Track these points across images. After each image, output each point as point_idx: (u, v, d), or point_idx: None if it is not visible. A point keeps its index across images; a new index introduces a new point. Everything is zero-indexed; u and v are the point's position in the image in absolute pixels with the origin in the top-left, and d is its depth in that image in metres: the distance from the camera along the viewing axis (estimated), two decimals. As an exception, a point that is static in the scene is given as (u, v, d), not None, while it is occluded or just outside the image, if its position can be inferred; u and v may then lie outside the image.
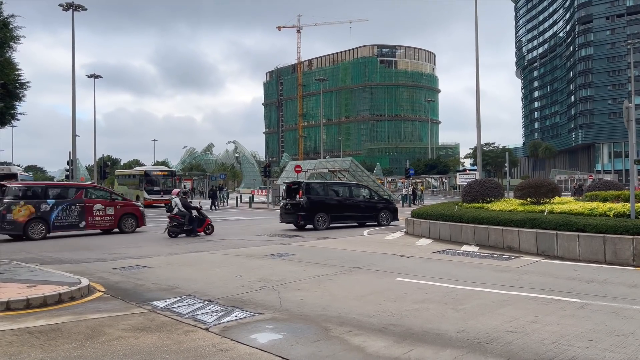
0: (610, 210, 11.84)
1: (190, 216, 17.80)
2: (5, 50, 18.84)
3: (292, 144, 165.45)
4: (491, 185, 17.18)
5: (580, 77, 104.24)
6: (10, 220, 16.83)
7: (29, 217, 17.16)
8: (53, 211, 17.66)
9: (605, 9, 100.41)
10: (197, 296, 7.95)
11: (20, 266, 10.44)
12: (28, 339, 5.72)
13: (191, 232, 17.68)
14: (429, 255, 12.37)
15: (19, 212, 16.99)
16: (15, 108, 21.74)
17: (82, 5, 33.51)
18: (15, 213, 16.90)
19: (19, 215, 16.95)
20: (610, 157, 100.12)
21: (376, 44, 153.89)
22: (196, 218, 17.96)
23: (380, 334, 5.81)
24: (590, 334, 5.67)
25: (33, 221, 17.25)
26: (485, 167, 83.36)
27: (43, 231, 17.43)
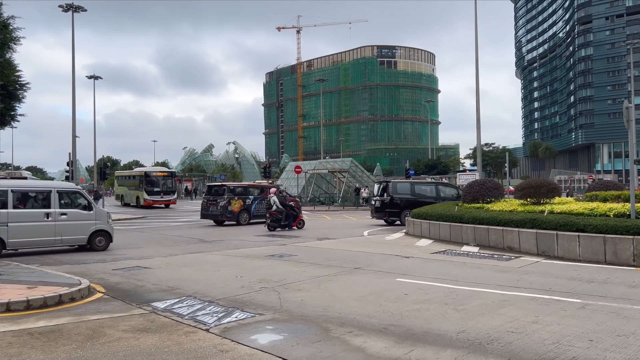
0: (611, 211, 11.83)
1: (287, 212, 20.37)
2: (5, 52, 18.86)
3: (292, 144, 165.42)
4: (491, 186, 17.17)
5: (580, 78, 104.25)
6: (230, 210, 22.84)
7: (240, 208, 23.24)
8: (252, 204, 23.66)
9: (604, 9, 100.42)
10: (198, 297, 7.94)
11: (21, 267, 10.44)
12: (28, 340, 5.72)
13: (287, 227, 20.34)
14: (429, 256, 12.36)
15: (234, 204, 23.08)
16: (15, 109, 21.78)
17: (82, 7, 33.48)
18: (232, 205, 22.97)
19: (234, 207, 23.00)
20: (610, 157, 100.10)
21: (376, 45, 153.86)
22: (291, 214, 20.55)
23: (380, 335, 5.81)
24: (590, 334, 5.66)
25: (242, 211, 23.31)
26: (485, 168, 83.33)
27: (247, 219, 23.42)
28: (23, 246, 13.55)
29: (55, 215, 13.68)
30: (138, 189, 41.05)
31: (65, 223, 13.80)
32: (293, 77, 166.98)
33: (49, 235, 13.65)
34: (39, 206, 13.74)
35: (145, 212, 34.64)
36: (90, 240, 14.30)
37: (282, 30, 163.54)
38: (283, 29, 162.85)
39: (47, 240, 13.75)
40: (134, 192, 42.25)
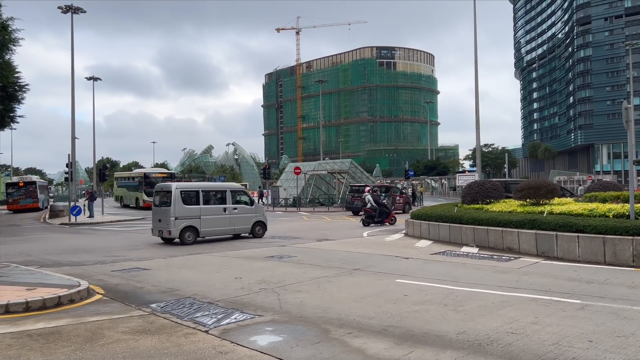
0: (610, 211, 11.84)
1: (381, 209, 22.11)
2: (5, 53, 18.85)
3: (292, 145, 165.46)
4: (490, 187, 17.18)
5: (579, 78, 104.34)
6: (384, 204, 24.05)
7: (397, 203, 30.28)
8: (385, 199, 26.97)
9: (603, 10, 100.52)
10: (197, 298, 7.94)
11: (20, 269, 10.43)
12: (27, 342, 5.71)
13: (381, 223, 21.93)
14: (428, 257, 12.36)
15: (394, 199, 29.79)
16: (15, 111, 21.76)
17: (81, 8, 33.47)
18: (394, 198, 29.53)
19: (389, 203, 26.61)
20: (609, 158, 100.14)
21: (375, 46, 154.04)
22: (384, 211, 22.22)
23: (380, 336, 5.80)
24: (590, 335, 5.66)
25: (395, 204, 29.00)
26: (485, 168, 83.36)
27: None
28: (209, 235, 17.01)
29: (230, 210, 17.32)
30: (137, 190, 41.01)
31: (236, 216, 17.41)
32: (292, 78, 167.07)
33: (226, 226, 17.19)
34: (218, 202, 17.32)
35: (145, 214, 34.57)
36: (252, 229, 17.75)
37: (281, 31, 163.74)
38: (282, 30, 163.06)
39: (225, 230, 17.29)
40: (133, 194, 42.21)
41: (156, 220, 16.81)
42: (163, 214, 16.41)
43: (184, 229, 16.15)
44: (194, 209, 16.45)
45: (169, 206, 16.21)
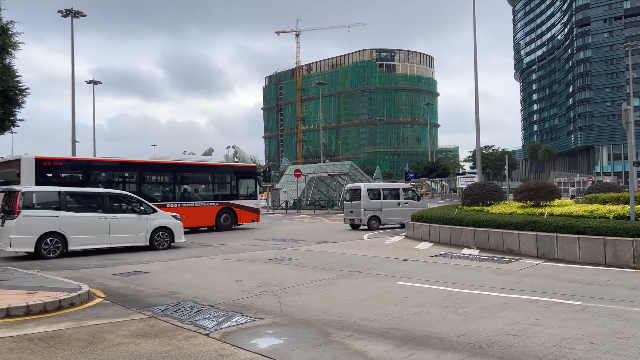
0: (610, 213, 11.83)
1: None
2: (4, 57, 18.88)
3: (292, 148, 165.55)
4: (491, 188, 17.20)
5: (579, 80, 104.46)
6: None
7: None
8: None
9: (603, 11, 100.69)
10: (198, 301, 7.93)
11: (20, 272, 10.43)
12: (28, 346, 5.71)
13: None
14: (429, 259, 12.36)
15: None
16: (15, 114, 21.78)
17: (81, 12, 33.60)
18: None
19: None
20: (609, 159, 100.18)
21: (375, 48, 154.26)
22: None
23: (381, 338, 5.80)
24: (591, 337, 5.66)
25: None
26: (485, 170, 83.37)
27: None
28: (387, 223, 22.11)
29: (402, 204, 22.50)
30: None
31: (407, 208, 21.75)
32: (292, 81, 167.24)
33: (400, 216, 21.81)
34: (393, 198, 22.61)
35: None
36: None
37: (281, 34, 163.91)
38: (282, 33, 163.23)
39: (400, 219, 21.73)
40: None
41: (348, 212, 22.47)
42: (354, 207, 21.91)
43: (370, 218, 21.50)
44: (377, 203, 21.86)
45: (359, 200, 21.66)
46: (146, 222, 15.54)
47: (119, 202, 15.50)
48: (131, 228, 15.30)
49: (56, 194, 14.59)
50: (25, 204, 13.70)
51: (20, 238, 13.49)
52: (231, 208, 23.22)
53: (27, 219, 13.60)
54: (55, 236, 13.97)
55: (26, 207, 13.70)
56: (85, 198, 15.29)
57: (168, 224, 16.04)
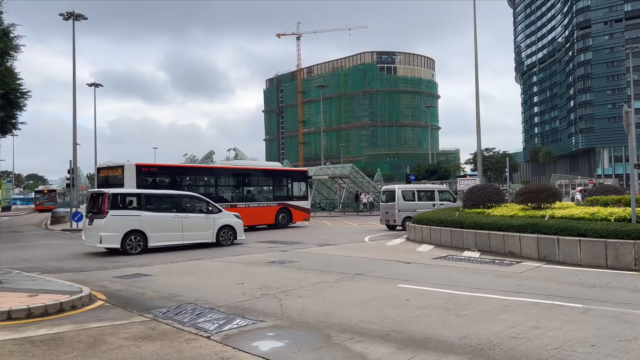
0: (612, 215, 11.83)
1: None
2: (6, 60, 18.94)
3: (293, 150, 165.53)
4: (492, 191, 17.19)
5: (580, 82, 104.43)
6: None
7: None
8: None
9: (603, 14, 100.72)
10: (199, 304, 7.94)
11: (22, 275, 10.43)
12: (29, 349, 5.71)
13: None
14: (430, 261, 12.35)
15: None
16: (16, 117, 21.82)
17: (82, 15, 33.62)
18: None
19: None
20: (610, 162, 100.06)
21: (375, 51, 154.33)
22: None
23: (382, 341, 5.79)
24: (592, 339, 5.65)
25: None
26: (486, 173, 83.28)
27: None
28: None
29: (437, 205, 22.63)
30: None
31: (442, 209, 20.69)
32: (293, 84, 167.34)
33: None
34: (428, 199, 23.13)
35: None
36: None
37: (282, 37, 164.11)
38: (283, 36, 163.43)
39: None
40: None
41: (384, 213, 23.09)
42: (390, 208, 22.59)
43: (405, 218, 21.50)
44: (412, 204, 22.35)
45: (394, 202, 22.25)
46: (213, 221, 17.01)
47: (190, 203, 17.06)
48: (200, 226, 16.71)
49: (137, 195, 16.41)
50: (112, 205, 15.12)
51: (109, 235, 14.86)
52: (287, 208, 25.70)
53: (114, 219, 14.98)
54: (137, 234, 15.33)
55: (113, 207, 15.12)
56: (161, 199, 16.85)
57: (231, 222, 17.56)
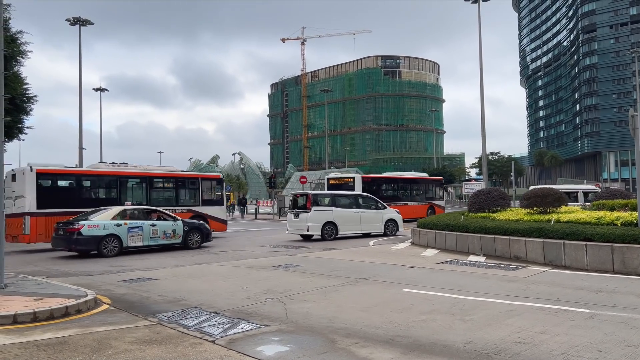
0: (618, 219, 11.76)
1: None
2: (13, 65, 19.08)
3: (297, 154, 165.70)
4: (497, 195, 17.13)
5: (585, 86, 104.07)
6: None
7: None
8: None
9: (609, 17, 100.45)
10: (203, 308, 7.94)
11: (27, 279, 10.47)
12: (35, 352, 5.73)
13: None
14: (435, 266, 12.31)
15: None
16: (23, 122, 21.95)
17: (89, 20, 33.92)
18: None
19: None
20: (616, 166, 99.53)
21: (380, 55, 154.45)
22: None
23: (387, 346, 5.77)
24: (599, 345, 5.61)
25: None
26: (491, 177, 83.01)
27: None
28: None
29: None
30: None
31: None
32: (298, 88, 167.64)
33: None
34: None
35: (151, 223, 34.70)
36: None
37: (287, 41, 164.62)
38: (288, 40, 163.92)
39: None
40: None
41: None
42: None
43: None
44: None
45: None
46: (381, 215, 21.37)
47: (365, 202, 21.63)
48: (372, 220, 21.10)
49: (330, 196, 21.52)
50: (313, 203, 20.01)
51: (312, 225, 19.70)
52: (432, 206, 33.94)
53: (316, 212, 19.79)
54: (331, 225, 20.00)
55: (315, 204, 20.04)
56: (346, 198, 21.61)
57: (394, 217, 21.85)
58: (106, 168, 20.99)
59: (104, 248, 15.53)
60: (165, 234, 16.95)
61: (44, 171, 18.49)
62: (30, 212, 17.54)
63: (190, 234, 17.64)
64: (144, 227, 16.44)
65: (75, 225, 15.31)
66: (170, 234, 17.03)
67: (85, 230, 15.24)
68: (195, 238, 17.75)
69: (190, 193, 22.65)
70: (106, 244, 15.57)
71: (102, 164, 22.02)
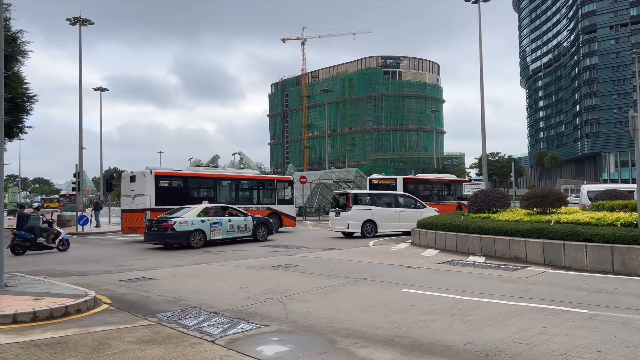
0: (618, 220, 11.75)
1: None
2: (13, 65, 19.08)
3: (297, 154, 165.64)
4: (497, 195, 17.13)
5: (585, 87, 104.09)
6: None
7: None
8: None
9: (609, 18, 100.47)
10: (203, 308, 7.94)
11: (27, 279, 10.47)
12: (35, 352, 5.73)
13: None
14: (435, 266, 12.31)
15: None
16: (23, 121, 21.95)
17: (89, 20, 33.84)
18: None
19: None
20: (616, 166, 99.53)
21: (380, 55, 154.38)
22: None
23: (387, 346, 5.77)
24: (599, 345, 5.61)
25: None
26: (491, 177, 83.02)
27: None
28: None
29: None
30: None
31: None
32: (298, 88, 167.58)
33: None
34: None
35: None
36: None
37: (287, 41, 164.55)
38: (288, 40, 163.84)
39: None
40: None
41: None
42: None
43: None
44: None
45: None
46: (420, 214, 21.54)
47: (403, 200, 22.65)
48: (411, 218, 21.07)
49: (369, 195, 22.63)
50: (354, 202, 21.02)
51: (352, 223, 20.69)
52: (460, 205, 34.24)
53: (356, 211, 20.81)
54: (371, 223, 20.92)
55: (355, 203, 21.02)
56: (386, 197, 22.71)
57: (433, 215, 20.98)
58: (205, 171, 25.29)
59: (192, 241, 17.88)
60: (239, 228, 19.64)
61: (160, 173, 21.89)
62: (151, 208, 20.74)
63: (259, 228, 20.44)
64: (222, 222, 19.01)
65: (168, 222, 17.65)
66: (242, 228, 19.75)
67: (177, 226, 17.61)
68: (262, 232, 20.59)
69: (267, 193, 25.94)
70: (194, 238, 17.95)
71: (199, 167, 26.94)
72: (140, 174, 21.63)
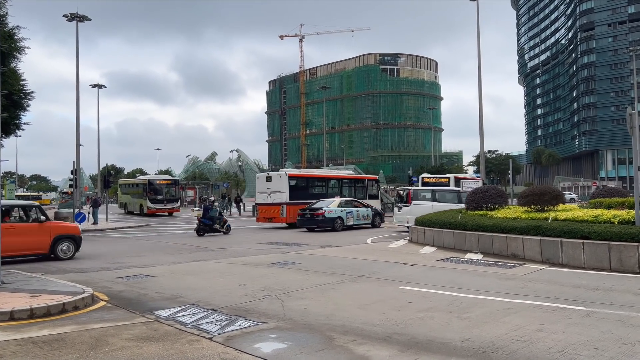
0: (615, 218, 11.78)
1: None
2: (10, 61, 19.00)
3: (295, 152, 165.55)
4: (494, 193, 17.14)
5: (583, 84, 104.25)
6: None
7: None
8: None
9: (607, 16, 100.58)
10: (201, 305, 7.93)
11: (24, 276, 10.45)
12: (32, 349, 5.72)
13: None
14: (433, 264, 12.32)
15: None
16: (20, 118, 21.87)
17: (85, 16, 33.72)
18: None
19: None
20: (614, 164, 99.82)
21: (378, 53, 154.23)
22: None
23: (384, 343, 5.78)
24: (596, 343, 5.63)
25: None
26: (489, 175, 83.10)
27: None
28: None
29: None
30: (141, 197, 41.08)
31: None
32: (296, 85, 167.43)
33: None
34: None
35: (149, 220, 34.69)
36: None
37: (285, 38, 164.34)
38: (286, 37, 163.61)
39: None
40: (137, 200, 42.30)
41: None
42: None
43: None
44: None
45: None
46: None
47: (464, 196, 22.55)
48: None
49: (429, 191, 23.43)
50: (414, 197, 22.11)
51: (412, 218, 19.86)
52: None
53: (415, 206, 21.50)
54: None
55: (414, 198, 22.04)
56: (447, 193, 23.45)
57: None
58: (318, 172, 31.95)
59: (337, 225, 23.06)
60: (363, 217, 24.65)
61: (292, 175, 27.72)
62: (286, 202, 25.83)
63: (375, 218, 25.17)
64: (353, 212, 24.15)
65: (320, 211, 23.11)
66: (365, 216, 24.71)
67: (327, 214, 22.99)
68: (377, 220, 25.19)
69: (360, 190, 30.82)
70: (337, 223, 23.14)
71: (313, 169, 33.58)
72: (277, 175, 27.25)
